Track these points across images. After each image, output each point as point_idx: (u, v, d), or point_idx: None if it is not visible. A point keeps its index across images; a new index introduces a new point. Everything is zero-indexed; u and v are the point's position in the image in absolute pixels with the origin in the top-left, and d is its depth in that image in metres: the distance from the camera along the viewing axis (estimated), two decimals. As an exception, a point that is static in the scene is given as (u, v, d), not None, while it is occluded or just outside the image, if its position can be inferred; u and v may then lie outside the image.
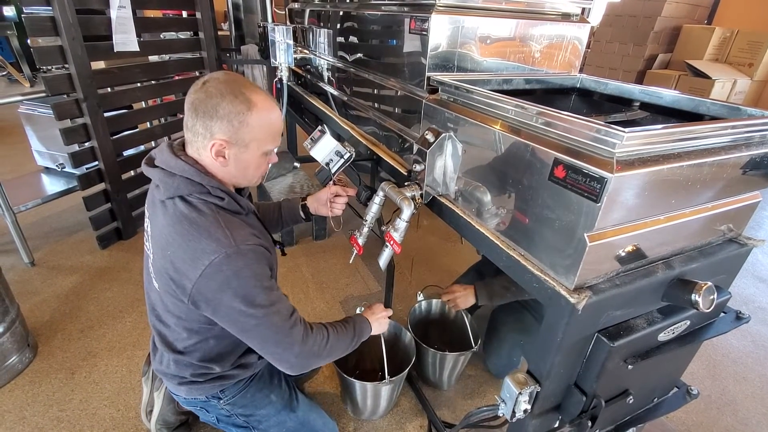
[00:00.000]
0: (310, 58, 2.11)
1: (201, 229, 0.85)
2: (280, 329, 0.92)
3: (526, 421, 0.91)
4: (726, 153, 0.75)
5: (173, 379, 1.07)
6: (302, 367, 0.98)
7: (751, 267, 2.60)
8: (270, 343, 0.93)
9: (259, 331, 0.90)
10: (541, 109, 0.78)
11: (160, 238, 0.91)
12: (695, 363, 1.82)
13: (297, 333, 0.94)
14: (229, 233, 0.86)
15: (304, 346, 0.96)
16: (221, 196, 0.90)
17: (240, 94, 0.86)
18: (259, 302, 0.88)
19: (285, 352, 0.94)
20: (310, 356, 0.98)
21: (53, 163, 2.68)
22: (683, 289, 0.81)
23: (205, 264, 0.83)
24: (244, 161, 0.93)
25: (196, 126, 0.88)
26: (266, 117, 0.90)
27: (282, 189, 2.62)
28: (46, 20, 1.90)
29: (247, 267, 0.86)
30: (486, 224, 0.96)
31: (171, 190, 0.89)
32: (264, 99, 0.90)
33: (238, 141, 0.89)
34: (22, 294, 2.00)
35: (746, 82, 4.17)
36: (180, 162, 0.89)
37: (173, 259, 0.87)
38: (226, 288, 0.85)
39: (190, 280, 0.85)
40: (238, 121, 0.86)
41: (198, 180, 0.89)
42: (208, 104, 0.85)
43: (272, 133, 0.93)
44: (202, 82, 0.88)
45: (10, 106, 2.24)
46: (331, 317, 1.98)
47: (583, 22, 1.31)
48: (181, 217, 0.87)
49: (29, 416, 1.45)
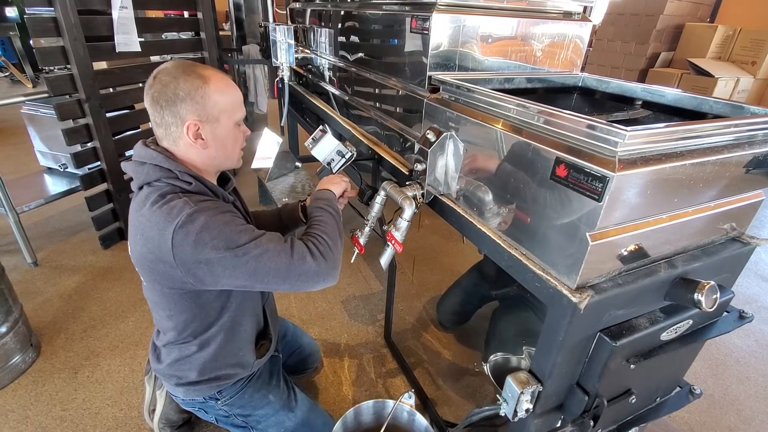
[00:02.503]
0: (311, 57, 2.11)
1: (162, 204, 0.85)
2: (283, 252, 0.88)
3: (528, 420, 0.91)
4: (729, 152, 0.75)
5: (171, 379, 1.08)
6: (329, 270, 0.93)
7: (754, 266, 2.59)
8: (284, 270, 0.88)
9: (266, 265, 0.86)
10: (542, 108, 0.77)
11: (132, 225, 0.91)
12: (698, 362, 1.82)
13: (300, 248, 0.91)
14: (187, 200, 0.85)
15: (315, 253, 0.92)
16: (188, 181, 0.90)
17: (191, 72, 0.87)
18: (244, 241, 0.85)
19: (304, 268, 0.89)
20: (327, 256, 0.94)
21: (56, 163, 2.68)
22: (686, 288, 0.80)
23: (171, 232, 0.82)
24: (221, 137, 0.93)
25: (164, 118, 0.89)
26: (223, 87, 0.91)
27: (283, 189, 2.62)
28: (48, 21, 1.91)
29: (213, 218, 0.84)
30: (487, 223, 0.96)
31: (141, 178, 0.90)
32: (215, 72, 0.91)
33: (208, 117, 0.90)
34: (25, 294, 2.01)
35: (749, 80, 4.15)
36: (149, 151, 0.91)
37: (144, 240, 0.87)
38: (202, 245, 0.82)
39: (168, 254, 0.84)
40: (200, 96, 0.87)
41: (166, 165, 0.89)
42: (167, 92, 0.86)
43: (235, 102, 0.94)
44: (153, 76, 0.89)
45: (12, 107, 2.25)
46: (332, 317, 1.99)
47: (585, 21, 1.30)
48: (144, 200, 0.88)
49: (32, 416, 1.46)
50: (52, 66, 2.02)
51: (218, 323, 1.02)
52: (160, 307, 0.99)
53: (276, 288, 0.91)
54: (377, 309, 2.06)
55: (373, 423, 1.29)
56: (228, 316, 1.03)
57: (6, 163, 3.54)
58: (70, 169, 2.61)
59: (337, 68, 1.80)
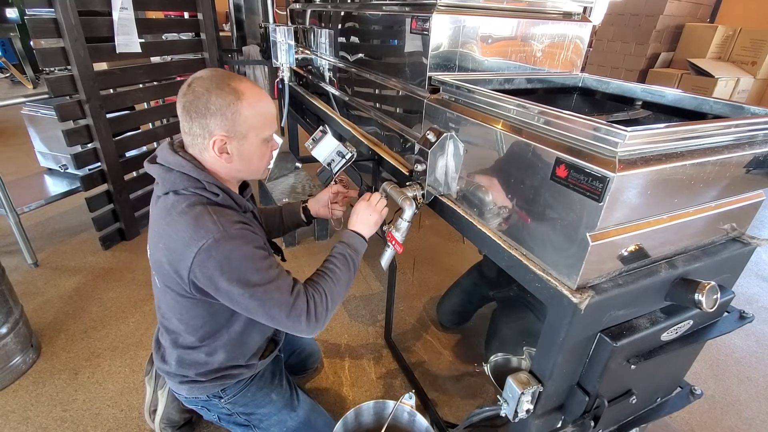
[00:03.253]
0: (311, 58, 2.11)
1: (189, 218, 0.85)
2: (283, 305, 0.90)
3: (528, 421, 0.91)
4: (729, 152, 0.75)
5: (175, 377, 1.08)
6: (317, 328, 0.96)
7: (754, 266, 2.59)
8: (278, 319, 0.91)
9: (263, 310, 0.90)
10: (542, 108, 0.77)
11: (154, 230, 0.92)
12: (699, 363, 1.81)
13: (301, 305, 0.92)
14: (216, 219, 0.86)
15: (311, 314, 0.94)
16: (216, 192, 0.91)
17: (226, 86, 0.87)
18: (255, 282, 0.87)
19: (295, 324, 0.93)
20: (320, 318, 0.95)
21: (56, 164, 2.69)
22: (686, 288, 0.80)
23: (194, 251, 0.83)
24: (247, 153, 0.93)
25: (193, 128, 0.89)
26: (257, 103, 0.90)
27: (284, 189, 2.62)
28: (48, 22, 1.91)
29: (238, 249, 0.86)
30: (488, 224, 0.96)
31: (168, 185, 0.90)
32: (250, 87, 0.90)
33: (236, 133, 0.89)
34: (25, 295, 2.01)
35: (749, 80, 4.15)
36: (178, 158, 0.90)
37: (166, 251, 0.88)
38: (219, 273, 0.85)
39: (185, 270, 0.86)
40: (231, 113, 0.87)
41: (194, 175, 0.90)
42: (198, 104, 0.86)
43: (267, 119, 0.93)
44: (187, 84, 0.89)
45: (13, 108, 2.25)
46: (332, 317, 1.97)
47: (585, 21, 1.30)
48: (171, 209, 0.88)
49: (33, 416, 1.46)
50: (53, 67, 2.02)
51: (227, 331, 1.03)
52: (172, 309, 0.99)
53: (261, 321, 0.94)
54: (378, 309, 2.06)
55: (374, 423, 1.29)
56: (239, 325, 1.04)
57: (6, 163, 3.54)
58: (71, 169, 2.62)
59: (337, 69, 1.81)
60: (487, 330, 1.71)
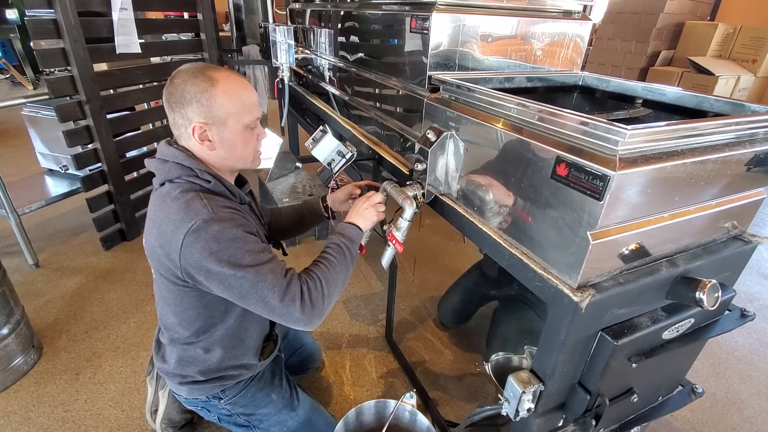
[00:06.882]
0: (311, 58, 2.11)
1: (181, 202, 0.87)
2: (276, 287, 0.88)
3: (529, 420, 0.91)
4: (730, 150, 0.74)
5: (175, 378, 1.08)
6: (313, 317, 0.92)
7: (755, 264, 2.58)
8: (272, 304, 0.89)
9: (255, 291, 0.87)
10: (543, 107, 0.77)
11: (150, 219, 0.94)
12: (700, 361, 1.81)
13: (294, 289, 0.90)
14: (207, 203, 0.87)
15: (306, 299, 0.91)
16: (208, 179, 0.92)
17: (201, 74, 0.89)
18: (246, 263, 0.86)
19: (290, 309, 0.89)
20: (316, 304, 0.92)
21: (57, 165, 2.69)
22: (687, 286, 0.80)
23: (183, 232, 0.84)
24: (228, 140, 0.94)
25: (175, 119, 0.92)
26: (232, 89, 0.91)
27: (284, 189, 2.62)
28: (48, 23, 1.91)
29: (226, 230, 0.86)
30: (488, 223, 0.96)
31: (163, 175, 0.93)
32: (227, 75, 0.92)
33: (214, 119, 0.91)
34: (26, 295, 2.01)
35: (750, 78, 4.14)
36: (172, 149, 0.93)
37: (158, 235, 0.89)
38: (208, 254, 0.84)
39: (176, 252, 0.86)
40: (205, 99, 0.88)
41: (187, 164, 0.92)
42: (176, 94, 0.89)
43: (245, 105, 0.93)
44: (170, 78, 0.91)
45: (13, 109, 2.26)
46: (333, 317, 1.99)
47: (585, 20, 1.30)
48: (165, 196, 0.90)
49: (34, 417, 1.46)
50: (53, 68, 2.02)
51: (223, 326, 1.02)
52: (166, 301, 1.00)
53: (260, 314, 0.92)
54: (378, 309, 2.06)
55: (375, 423, 1.29)
56: (234, 320, 1.03)
57: (7, 164, 3.54)
58: (71, 170, 2.62)
59: (337, 68, 1.80)
60: (488, 329, 1.71)
